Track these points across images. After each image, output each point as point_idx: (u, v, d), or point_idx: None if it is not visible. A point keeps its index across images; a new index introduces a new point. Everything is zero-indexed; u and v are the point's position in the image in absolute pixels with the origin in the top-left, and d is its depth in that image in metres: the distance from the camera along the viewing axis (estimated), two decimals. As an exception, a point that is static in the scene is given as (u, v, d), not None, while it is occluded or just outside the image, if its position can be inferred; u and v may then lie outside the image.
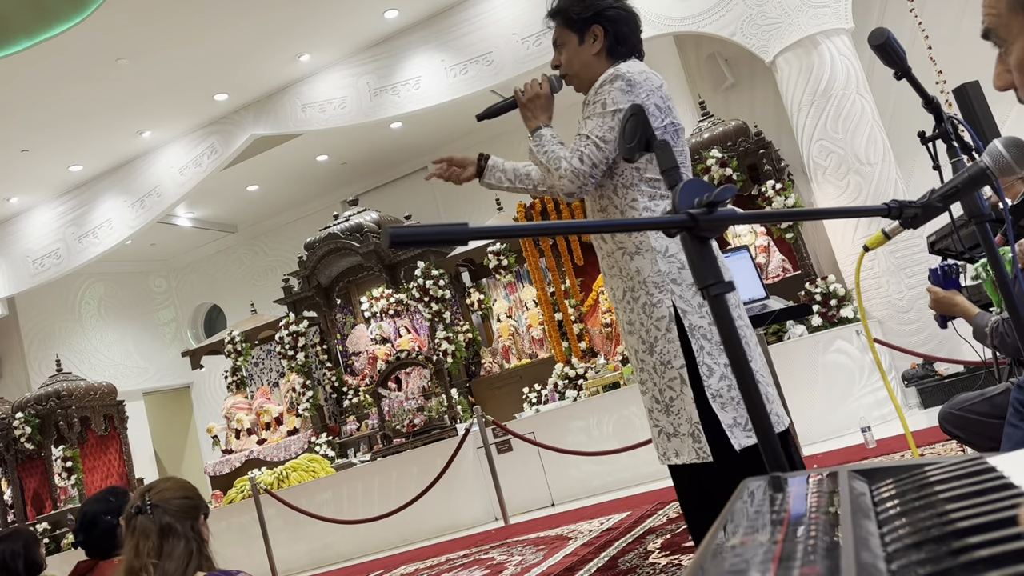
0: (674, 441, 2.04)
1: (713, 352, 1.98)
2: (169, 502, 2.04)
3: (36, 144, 8.97)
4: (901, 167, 6.97)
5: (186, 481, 2.20)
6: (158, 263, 13.17)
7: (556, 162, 2.09)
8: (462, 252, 8.85)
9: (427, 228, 0.81)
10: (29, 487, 9.26)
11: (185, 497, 2.10)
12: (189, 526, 2.05)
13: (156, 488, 2.10)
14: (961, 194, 1.48)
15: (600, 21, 2.15)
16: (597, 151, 2.04)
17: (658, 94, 2.07)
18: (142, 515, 2.00)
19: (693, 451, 1.99)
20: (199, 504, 2.14)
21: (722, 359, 1.96)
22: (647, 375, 2.09)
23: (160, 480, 2.18)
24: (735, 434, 1.93)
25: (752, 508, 0.62)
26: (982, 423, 2.39)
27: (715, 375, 1.97)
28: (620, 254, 2.09)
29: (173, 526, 2.01)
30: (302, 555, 7.05)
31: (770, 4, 7.09)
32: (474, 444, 6.54)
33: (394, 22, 8.40)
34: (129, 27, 7.29)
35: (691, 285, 1.99)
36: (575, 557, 3.95)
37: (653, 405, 2.09)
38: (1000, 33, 1.05)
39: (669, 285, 2.01)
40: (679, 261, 2.01)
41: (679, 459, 2.03)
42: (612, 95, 2.04)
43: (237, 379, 10.04)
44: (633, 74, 2.05)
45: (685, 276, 2.00)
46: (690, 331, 1.99)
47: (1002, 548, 0.43)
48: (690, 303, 2.00)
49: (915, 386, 6.38)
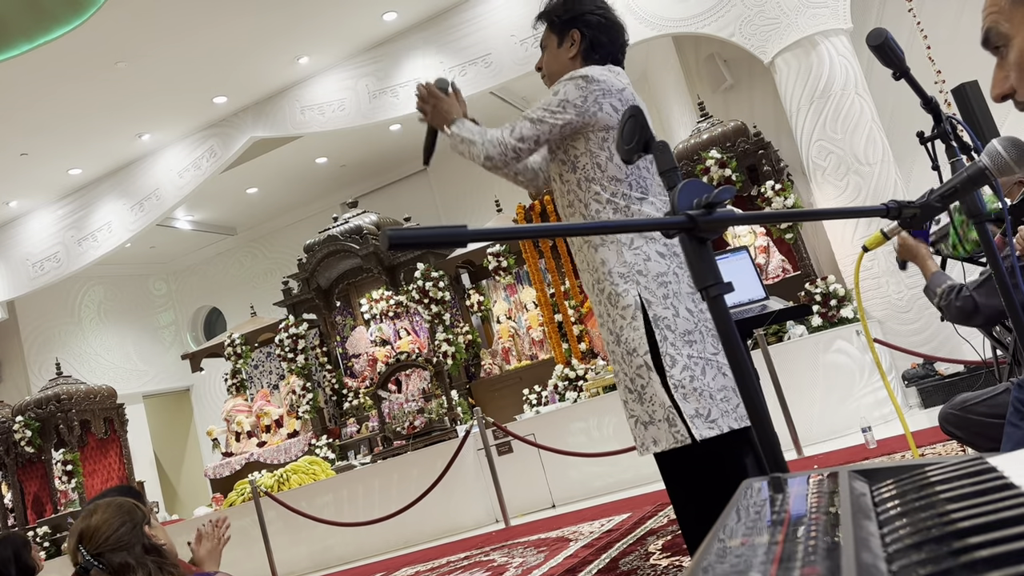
0: (651, 429, 2.06)
1: (676, 343, 2.00)
2: (108, 541, 1.93)
3: (35, 147, 8.97)
4: (900, 167, 6.97)
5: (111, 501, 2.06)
6: (158, 266, 13.17)
7: (481, 134, 2.13)
8: (462, 254, 8.85)
9: (426, 230, 0.81)
10: (29, 491, 9.25)
11: (122, 524, 1.97)
12: (140, 550, 1.96)
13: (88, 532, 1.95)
14: (960, 194, 1.48)
15: (578, 26, 2.20)
16: (529, 126, 2.09)
17: (616, 96, 2.09)
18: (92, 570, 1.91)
19: (670, 436, 2.01)
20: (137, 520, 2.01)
21: (685, 350, 1.99)
22: (618, 365, 2.12)
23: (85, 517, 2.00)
24: (696, 425, 1.96)
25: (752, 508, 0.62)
26: (982, 423, 2.39)
27: (678, 365, 1.99)
28: (587, 247, 2.14)
29: (126, 563, 1.92)
30: (303, 558, 7.05)
31: (769, 5, 7.10)
32: (474, 446, 6.54)
33: (393, 24, 8.40)
34: (128, 30, 7.29)
35: (656, 277, 2.03)
36: (576, 559, 3.95)
37: (627, 395, 2.11)
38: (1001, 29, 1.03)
39: (635, 276, 2.04)
40: (644, 253, 2.05)
41: (657, 447, 2.04)
42: (566, 87, 2.09)
43: (237, 382, 10.03)
44: (594, 73, 2.09)
45: (651, 268, 2.04)
46: (654, 321, 2.02)
47: (1003, 548, 0.42)
48: (655, 294, 2.03)
49: (915, 386, 6.38)
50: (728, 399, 2.00)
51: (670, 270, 2.05)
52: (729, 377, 2.02)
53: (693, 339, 2.02)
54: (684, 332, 2.01)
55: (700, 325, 2.03)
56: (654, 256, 2.05)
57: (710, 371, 2.01)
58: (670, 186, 1.09)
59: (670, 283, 2.03)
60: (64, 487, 9.08)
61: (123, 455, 9.63)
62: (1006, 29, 1.03)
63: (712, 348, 2.03)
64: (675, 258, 2.07)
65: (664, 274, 2.04)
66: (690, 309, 2.04)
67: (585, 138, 2.11)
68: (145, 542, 1.98)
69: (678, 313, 2.02)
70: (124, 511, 2.01)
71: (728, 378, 2.03)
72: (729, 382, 2.03)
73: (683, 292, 2.05)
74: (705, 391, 1.98)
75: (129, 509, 2.03)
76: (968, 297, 2.40)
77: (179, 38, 7.65)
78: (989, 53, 1.09)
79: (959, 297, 2.42)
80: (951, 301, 2.43)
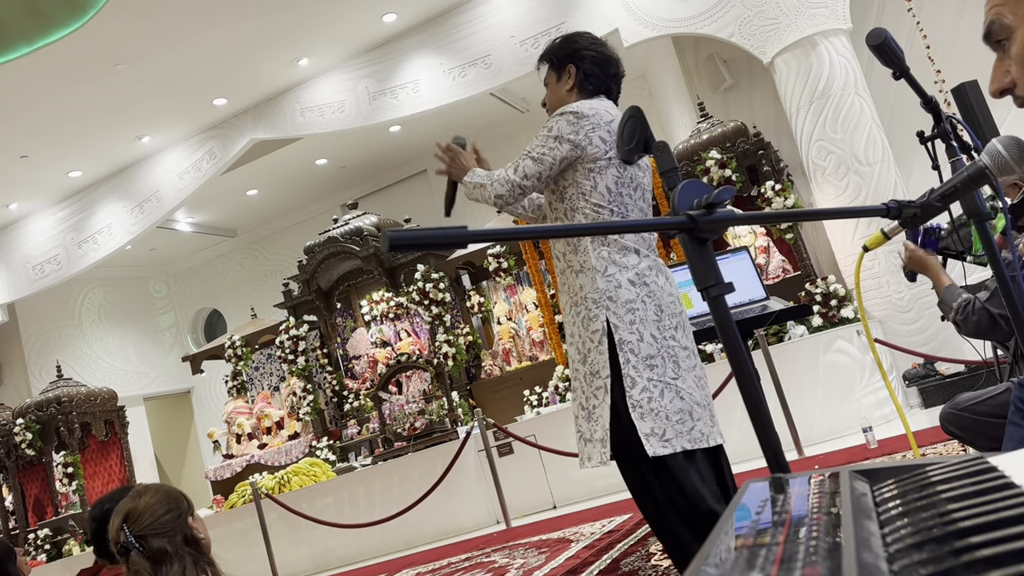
0: (589, 446, 2.23)
1: (639, 366, 2.15)
2: (153, 526, 1.91)
3: (35, 150, 8.98)
4: (900, 167, 6.97)
5: (160, 486, 2.05)
6: (158, 268, 13.18)
7: (489, 176, 2.32)
8: (462, 255, 8.85)
9: (427, 232, 0.81)
10: (30, 493, 9.25)
11: (168, 510, 1.96)
12: (180, 540, 1.94)
13: (134, 513, 1.93)
14: (960, 193, 1.48)
15: (574, 61, 2.40)
16: (532, 164, 2.27)
17: (604, 128, 2.26)
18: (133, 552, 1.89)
19: (599, 455, 2.19)
20: (183, 509, 2.00)
21: (646, 373, 2.14)
22: (578, 383, 2.28)
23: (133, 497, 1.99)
24: (651, 443, 2.11)
25: (754, 509, 0.62)
26: (983, 423, 2.39)
27: (637, 387, 2.14)
28: (569, 272, 2.32)
29: (165, 550, 1.90)
30: (304, 560, 7.05)
31: (768, 5, 7.10)
32: (475, 447, 6.54)
33: (392, 25, 8.41)
34: (128, 32, 7.30)
35: (625, 303, 2.19)
36: (577, 560, 3.95)
37: (579, 412, 2.27)
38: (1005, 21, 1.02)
39: (605, 302, 2.20)
40: (616, 280, 2.21)
41: (591, 463, 2.23)
42: (559, 124, 2.26)
43: (238, 384, 10.03)
44: (583, 108, 2.26)
45: (621, 295, 2.20)
46: (619, 345, 2.17)
47: (1004, 548, 0.42)
48: (622, 319, 2.18)
49: (916, 386, 6.38)
50: (683, 421, 2.14)
51: (638, 298, 2.20)
52: (687, 400, 2.15)
53: (655, 363, 2.16)
54: (646, 356, 2.16)
55: (663, 351, 2.18)
56: (625, 284, 2.21)
57: (668, 394, 2.16)
58: (671, 186, 1.09)
59: (637, 310, 2.19)
60: (65, 489, 9.08)
61: (124, 457, 9.63)
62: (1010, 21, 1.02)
63: (672, 373, 2.17)
64: (644, 287, 2.22)
65: (632, 301, 2.19)
66: (654, 335, 2.18)
67: (574, 169, 2.27)
68: (187, 533, 1.97)
69: (642, 338, 2.17)
70: (172, 498, 2.00)
71: (685, 401, 2.15)
72: (686, 405, 2.15)
73: (649, 319, 2.19)
74: (661, 412, 2.13)
75: (177, 497, 2.02)
76: (982, 310, 2.40)
77: (179, 40, 7.65)
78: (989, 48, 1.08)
79: (975, 311, 2.41)
80: (967, 316, 2.43)
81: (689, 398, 2.16)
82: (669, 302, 2.24)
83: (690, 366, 2.21)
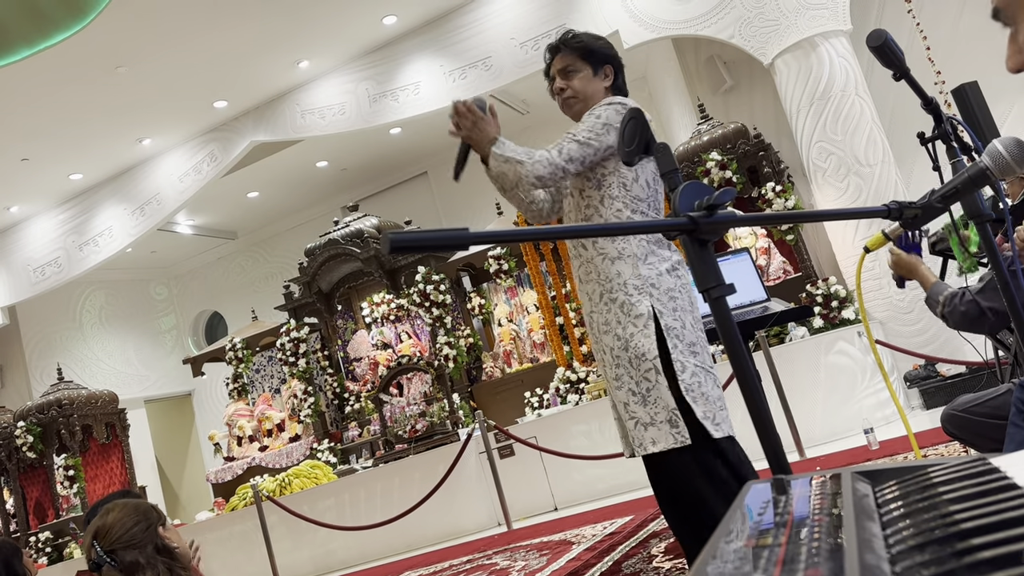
0: (651, 430, 2.21)
1: (684, 352, 2.19)
2: (122, 539, 1.95)
3: (36, 153, 8.99)
4: (901, 168, 6.97)
5: (128, 502, 2.09)
6: (159, 270, 13.18)
7: (529, 153, 2.23)
8: (463, 257, 8.85)
9: (427, 233, 0.81)
10: (31, 496, 9.25)
11: (136, 523, 2.00)
12: (152, 550, 1.98)
13: (103, 529, 1.98)
14: (961, 194, 1.48)
15: (612, 63, 2.50)
16: (577, 147, 2.25)
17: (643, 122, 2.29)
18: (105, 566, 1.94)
19: (671, 436, 2.17)
20: (152, 520, 2.04)
21: (691, 359, 2.19)
22: (623, 370, 2.26)
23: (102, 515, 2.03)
24: (706, 426, 2.14)
25: (755, 510, 0.62)
26: (985, 424, 2.39)
27: (687, 371, 2.18)
28: (600, 259, 2.30)
29: (137, 561, 1.94)
30: (305, 562, 7.04)
31: (768, 6, 7.10)
32: (476, 449, 6.54)
33: (393, 28, 8.42)
34: (128, 35, 7.31)
35: (667, 291, 2.23)
36: (579, 562, 3.95)
37: (629, 398, 2.25)
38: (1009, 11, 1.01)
39: (648, 288, 2.23)
40: (657, 269, 2.25)
41: (656, 447, 2.19)
42: (609, 113, 2.29)
43: (238, 386, 10.03)
44: (628, 102, 2.34)
45: (663, 282, 2.23)
46: (666, 330, 2.20)
47: (1006, 549, 0.42)
48: (666, 306, 2.22)
49: (917, 387, 6.38)
50: (723, 408, 2.21)
51: (676, 287, 2.26)
52: (719, 389, 2.24)
53: (696, 350, 2.22)
54: (690, 343, 2.21)
55: (700, 339, 2.25)
56: (665, 273, 2.25)
57: (709, 380, 2.21)
58: (671, 188, 1.09)
59: (677, 298, 2.24)
60: (66, 492, 9.08)
61: (125, 460, 9.63)
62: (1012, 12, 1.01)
63: (709, 361, 2.27)
64: (679, 279, 2.27)
65: (672, 289, 2.24)
66: (693, 324, 2.25)
67: (616, 159, 2.30)
68: (158, 543, 2.01)
69: (685, 325, 2.22)
70: (140, 511, 2.05)
71: (719, 389, 2.23)
72: (721, 393, 2.24)
73: (686, 308, 2.26)
74: (710, 397, 2.18)
75: (145, 510, 2.07)
76: (972, 302, 2.40)
77: (179, 43, 7.66)
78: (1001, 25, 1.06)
79: (963, 302, 2.41)
80: (955, 307, 2.43)
81: (719, 387, 2.24)
82: (695, 296, 2.30)
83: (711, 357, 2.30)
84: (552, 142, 2.31)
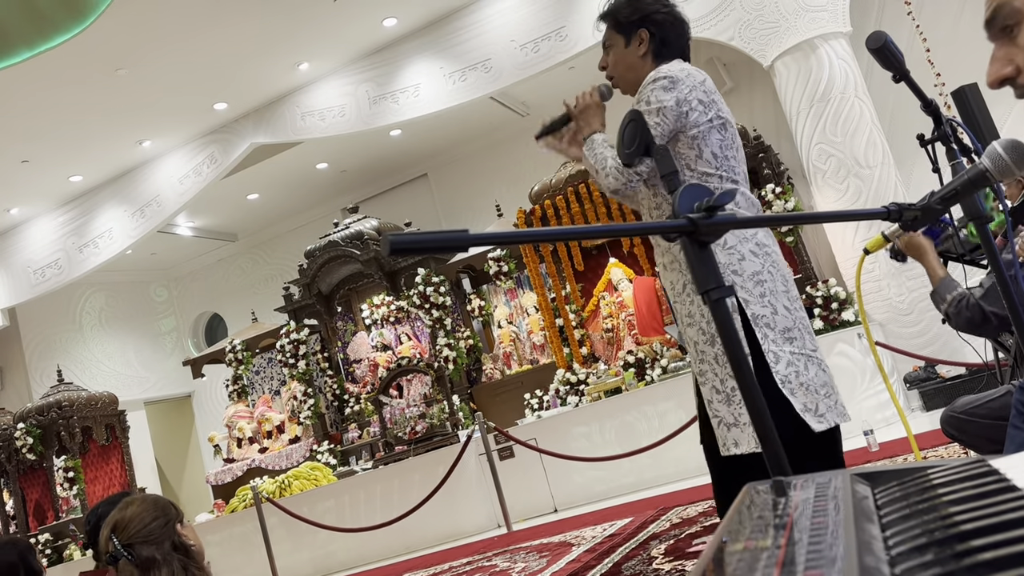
0: (734, 431, 2.02)
1: (777, 340, 1.98)
2: (140, 534, 1.95)
3: (36, 155, 8.99)
4: (900, 170, 6.97)
5: (147, 496, 2.09)
6: (159, 272, 13.18)
7: (603, 162, 2.12)
8: (462, 258, 8.85)
9: (427, 235, 0.81)
10: (31, 498, 9.24)
11: (155, 518, 2.00)
12: (169, 546, 1.98)
13: (122, 523, 1.98)
14: (961, 196, 1.48)
15: (647, 25, 2.19)
16: None
17: (700, 89, 2.08)
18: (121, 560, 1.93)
19: (753, 440, 1.97)
20: (170, 517, 2.04)
21: (787, 347, 1.98)
22: (707, 366, 2.08)
23: (121, 508, 2.04)
24: (807, 419, 1.94)
25: (755, 512, 0.62)
26: (984, 426, 2.39)
27: (782, 361, 1.97)
28: (678, 248, 2.09)
29: (153, 557, 1.94)
30: (305, 564, 7.04)
31: (768, 8, 7.11)
32: (476, 451, 6.53)
33: (393, 30, 8.42)
34: (128, 37, 7.31)
35: (752, 276, 2.01)
36: (578, 563, 3.94)
37: (713, 396, 2.07)
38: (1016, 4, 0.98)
39: (730, 276, 2.01)
40: (738, 253, 2.02)
41: (738, 449, 2.01)
42: (656, 93, 2.06)
43: (238, 388, 10.03)
44: (674, 72, 2.07)
45: (745, 267, 2.01)
46: (753, 320, 1.99)
47: (1006, 551, 0.42)
48: (752, 293, 2.00)
49: (917, 389, 6.38)
50: (830, 395, 2.00)
51: (764, 268, 2.03)
52: (827, 372, 2.02)
53: (792, 336, 2.01)
54: (783, 329, 2.00)
55: (798, 322, 2.03)
56: (748, 255, 2.03)
57: (812, 367, 2.01)
58: (671, 189, 1.09)
59: (765, 281, 2.01)
60: (66, 494, 9.07)
61: (125, 462, 9.63)
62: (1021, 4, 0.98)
63: (811, 345, 2.03)
64: (767, 257, 2.05)
65: (759, 272, 2.02)
66: (787, 307, 2.03)
67: (675, 140, 2.09)
68: (175, 540, 2.00)
69: (776, 311, 2.01)
70: (159, 507, 2.04)
71: (827, 374, 2.02)
72: (828, 378, 2.02)
73: (778, 290, 2.03)
74: (811, 386, 1.97)
75: (164, 506, 2.06)
76: (976, 306, 2.40)
77: (179, 44, 7.66)
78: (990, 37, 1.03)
79: (968, 307, 2.41)
80: (960, 310, 2.43)
81: (828, 370, 2.04)
82: (789, 273, 2.09)
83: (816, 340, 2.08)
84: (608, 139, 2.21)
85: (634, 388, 6.58)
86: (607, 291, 7.70)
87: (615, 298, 7.58)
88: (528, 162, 9.98)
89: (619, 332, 7.52)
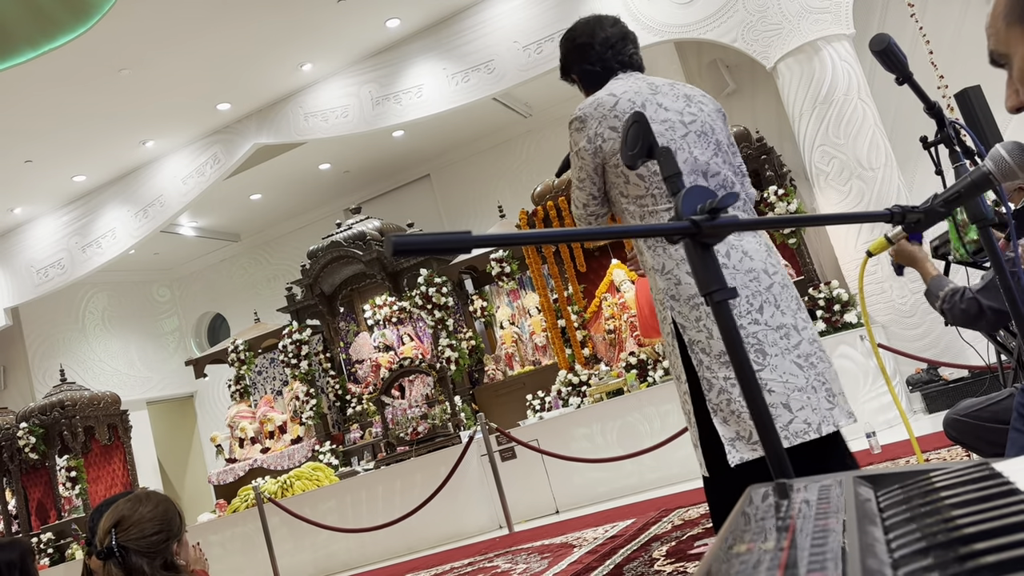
0: (696, 452, 2.04)
1: (712, 366, 1.93)
2: (138, 542, 1.92)
3: (39, 155, 9.00)
4: (903, 172, 6.97)
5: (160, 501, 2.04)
6: (161, 272, 13.20)
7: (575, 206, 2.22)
8: (465, 259, 8.85)
9: (430, 236, 0.81)
10: (33, 497, 9.26)
11: (157, 532, 1.96)
12: (160, 564, 1.94)
13: (126, 522, 1.95)
14: (964, 199, 1.48)
15: (572, 70, 2.26)
16: (577, 192, 2.15)
17: (611, 116, 2.05)
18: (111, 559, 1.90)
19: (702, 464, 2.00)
20: (171, 534, 2.00)
21: (721, 372, 1.91)
22: (677, 388, 2.10)
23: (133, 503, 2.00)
24: (737, 448, 1.88)
25: (757, 514, 0.62)
26: (987, 429, 2.39)
27: (714, 389, 1.92)
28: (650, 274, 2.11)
29: (142, 569, 1.90)
30: (306, 564, 7.04)
31: (771, 10, 7.11)
32: (478, 452, 6.53)
33: (396, 31, 8.43)
34: (132, 37, 7.32)
35: (688, 300, 1.96)
36: (580, 565, 3.94)
37: (686, 418, 2.08)
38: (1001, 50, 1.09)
39: (669, 301, 2.00)
40: (675, 277, 1.98)
41: (702, 470, 2.02)
42: (572, 137, 2.12)
43: (241, 388, 10.04)
44: (584, 109, 2.09)
45: (682, 291, 1.97)
46: (689, 346, 1.96)
47: (1009, 554, 0.42)
48: (687, 317, 1.96)
49: (920, 391, 6.37)
50: (778, 416, 1.88)
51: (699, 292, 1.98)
52: (777, 393, 1.90)
53: (726, 360, 1.92)
54: (719, 354, 1.93)
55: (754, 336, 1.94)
56: (684, 279, 1.97)
57: None
58: (674, 191, 1.09)
59: (702, 304, 1.94)
60: (68, 493, 9.09)
61: (127, 461, 9.64)
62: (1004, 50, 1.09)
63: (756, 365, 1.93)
64: None
65: (695, 296, 1.95)
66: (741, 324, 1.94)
67: (604, 172, 2.10)
68: (168, 558, 1.97)
69: (712, 335, 1.93)
70: (165, 520, 2.00)
71: (775, 394, 1.90)
72: (778, 398, 1.89)
73: None
74: (744, 413, 1.88)
75: (170, 519, 2.01)
76: (972, 299, 2.39)
77: (182, 45, 7.67)
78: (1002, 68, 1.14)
79: (963, 300, 2.41)
80: (955, 303, 2.43)
81: (782, 388, 1.89)
82: (747, 281, 1.95)
83: (785, 348, 1.92)
84: (553, 145, 2.26)
85: (636, 389, 6.58)
86: (609, 292, 7.70)
87: (617, 299, 7.58)
88: (530, 163, 9.99)
89: (621, 333, 7.52)
